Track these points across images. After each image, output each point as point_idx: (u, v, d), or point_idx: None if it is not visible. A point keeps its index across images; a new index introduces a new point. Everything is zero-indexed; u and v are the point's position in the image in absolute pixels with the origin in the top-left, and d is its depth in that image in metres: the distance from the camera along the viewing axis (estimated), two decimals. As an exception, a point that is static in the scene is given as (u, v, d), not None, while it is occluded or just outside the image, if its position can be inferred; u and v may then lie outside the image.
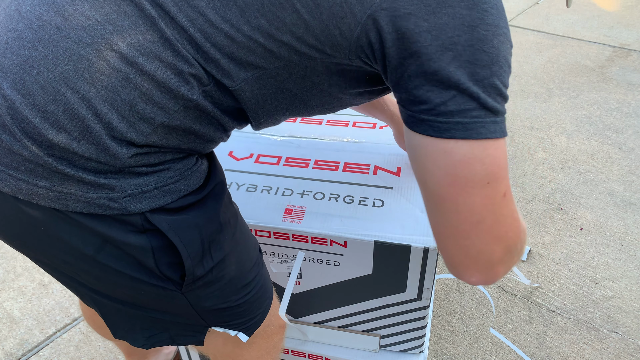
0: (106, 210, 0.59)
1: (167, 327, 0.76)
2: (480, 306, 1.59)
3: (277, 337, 0.91)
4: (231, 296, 0.75)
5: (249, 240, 0.78)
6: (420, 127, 0.56)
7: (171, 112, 0.58)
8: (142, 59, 0.56)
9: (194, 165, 0.65)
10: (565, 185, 2.03)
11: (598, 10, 3.51)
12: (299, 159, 1.11)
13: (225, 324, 0.77)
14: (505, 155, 0.58)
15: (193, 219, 0.65)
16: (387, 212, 0.97)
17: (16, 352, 1.52)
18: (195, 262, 0.66)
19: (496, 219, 0.58)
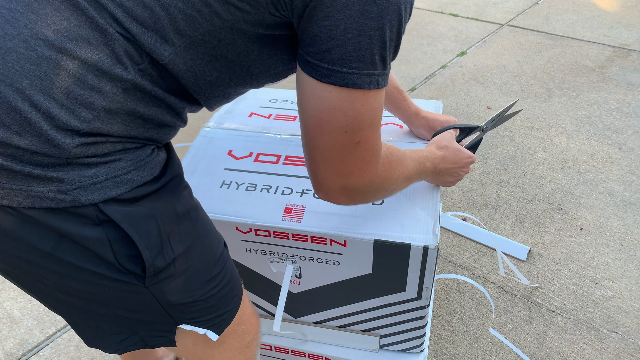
0: (58, 204, 0.57)
1: (136, 329, 0.75)
2: (480, 306, 1.59)
3: (249, 336, 0.89)
4: (197, 290, 0.74)
5: (211, 234, 0.78)
6: (306, 67, 0.63)
7: (110, 95, 0.57)
8: (71, 44, 0.55)
9: (149, 156, 0.64)
10: (565, 185, 2.03)
11: (598, 10, 3.51)
12: (298, 157, 1.11)
13: (193, 321, 0.76)
14: (372, 109, 0.64)
15: (148, 210, 0.64)
16: (387, 210, 0.97)
17: (16, 352, 1.52)
18: (154, 254, 0.65)
19: (342, 160, 0.67)
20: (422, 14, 3.68)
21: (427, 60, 3.04)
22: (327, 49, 0.60)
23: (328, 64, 0.60)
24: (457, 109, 2.56)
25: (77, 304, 0.69)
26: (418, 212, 0.97)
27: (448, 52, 3.11)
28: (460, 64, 2.97)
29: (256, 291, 1.10)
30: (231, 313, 0.82)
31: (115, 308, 0.70)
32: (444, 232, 1.86)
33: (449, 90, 2.72)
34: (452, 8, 3.74)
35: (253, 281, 1.08)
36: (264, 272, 1.05)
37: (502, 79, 2.79)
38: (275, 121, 1.24)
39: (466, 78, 2.82)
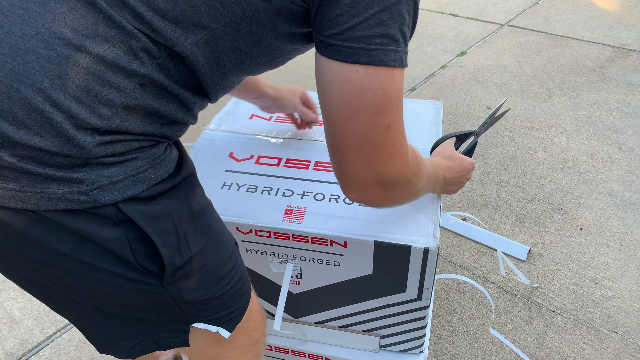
0: (78, 205, 0.58)
1: (149, 332, 0.75)
2: (480, 306, 1.59)
3: (257, 334, 0.90)
4: (211, 287, 0.74)
5: (224, 232, 0.79)
6: (329, 51, 0.62)
7: (128, 92, 0.58)
8: (89, 42, 0.55)
9: (163, 153, 0.65)
10: (565, 185, 2.03)
11: (598, 10, 3.51)
12: (299, 160, 1.11)
13: (207, 318, 0.77)
14: (398, 88, 0.63)
15: (165, 209, 0.65)
16: (387, 213, 0.97)
17: (16, 352, 1.52)
18: (172, 252, 0.66)
19: (375, 148, 0.64)
20: (422, 14, 3.68)
21: (427, 60, 3.04)
22: (350, 27, 0.60)
23: (352, 42, 0.60)
24: (457, 109, 2.56)
25: (92, 307, 0.69)
26: (418, 216, 0.97)
27: (448, 52, 3.11)
28: (460, 64, 2.97)
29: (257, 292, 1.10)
30: (242, 310, 0.83)
31: (131, 309, 0.71)
32: (444, 232, 1.86)
33: (449, 90, 2.72)
34: (452, 8, 3.74)
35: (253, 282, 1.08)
36: (265, 272, 1.06)
37: (502, 79, 2.79)
38: (276, 123, 1.25)
39: (466, 78, 2.82)
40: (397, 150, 0.67)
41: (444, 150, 1.01)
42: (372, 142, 0.64)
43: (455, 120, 2.47)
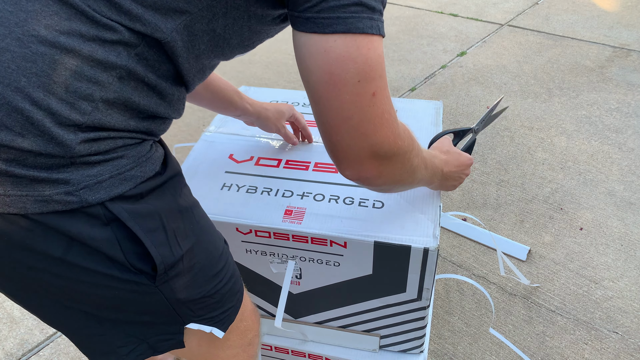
0: (66, 206, 0.57)
1: (144, 336, 0.75)
2: (480, 306, 1.59)
3: (251, 333, 0.90)
4: (204, 286, 0.74)
5: (213, 230, 0.79)
6: (306, 25, 0.62)
7: (106, 85, 0.58)
8: (63, 38, 0.55)
9: (148, 152, 0.65)
10: (565, 185, 2.03)
11: (598, 10, 3.51)
12: (299, 161, 1.12)
13: (200, 318, 0.77)
14: (378, 56, 0.63)
15: (153, 207, 0.65)
16: (387, 213, 0.97)
17: (16, 352, 1.53)
18: (162, 251, 0.65)
19: (363, 117, 0.63)
20: (422, 14, 3.68)
21: (427, 60, 3.04)
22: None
23: (328, 13, 0.60)
24: (457, 109, 2.56)
25: (84, 312, 0.69)
26: (418, 216, 0.97)
27: (448, 52, 3.11)
28: (460, 64, 2.97)
29: (256, 292, 1.11)
30: (235, 309, 0.82)
31: (125, 312, 0.70)
32: (444, 232, 1.86)
33: (449, 91, 2.72)
34: (452, 8, 3.74)
35: (253, 282, 1.08)
36: (264, 272, 1.06)
37: (502, 79, 2.79)
38: None
39: (466, 78, 2.82)
40: (386, 119, 0.66)
41: (441, 144, 1.00)
42: (359, 112, 0.63)
43: (455, 120, 2.47)
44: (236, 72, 3.05)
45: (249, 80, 2.95)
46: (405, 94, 2.72)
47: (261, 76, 2.99)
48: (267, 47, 3.33)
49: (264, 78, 2.97)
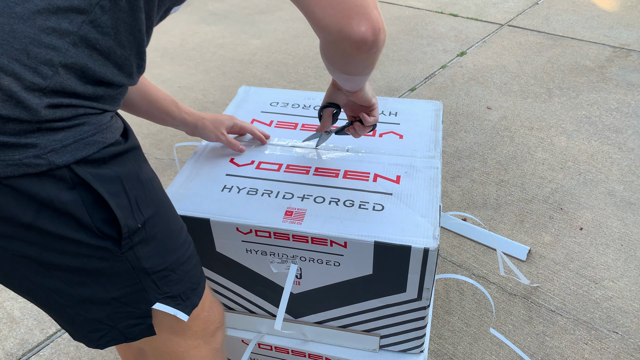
0: (35, 168, 0.61)
1: (113, 321, 0.78)
2: (480, 306, 1.59)
3: (213, 325, 0.93)
4: (167, 256, 0.78)
5: (172, 207, 0.83)
6: None
7: (63, 51, 0.61)
8: (19, 8, 0.59)
9: (109, 122, 0.69)
10: (565, 185, 2.03)
11: (598, 10, 3.51)
12: (299, 166, 1.12)
13: (164, 295, 0.80)
14: None
15: (115, 173, 0.69)
16: (387, 215, 0.97)
17: (16, 352, 1.53)
18: (125, 214, 0.69)
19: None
20: (422, 14, 3.68)
21: (427, 60, 3.04)
22: None
23: None
24: (457, 109, 2.56)
25: (55, 290, 0.72)
26: (418, 218, 0.97)
27: (448, 52, 3.11)
28: (460, 64, 2.97)
29: (256, 292, 1.11)
30: (197, 292, 0.86)
31: (94, 285, 0.73)
32: (444, 232, 1.86)
33: (449, 91, 2.72)
34: (452, 8, 3.74)
35: (253, 282, 1.08)
36: (265, 272, 1.06)
37: (502, 79, 2.79)
38: (276, 129, 1.25)
39: (466, 78, 2.82)
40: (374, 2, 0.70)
41: None
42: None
43: (455, 120, 2.47)
44: (236, 72, 3.05)
45: (249, 81, 2.95)
46: (405, 94, 2.72)
47: (261, 76, 2.99)
48: (267, 47, 3.33)
49: (264, 78, 2.97)
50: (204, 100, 2.79)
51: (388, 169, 1.10)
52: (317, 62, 3.10)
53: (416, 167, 1.10)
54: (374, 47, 0.73)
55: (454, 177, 2.12)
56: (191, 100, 2.77)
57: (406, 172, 1.09)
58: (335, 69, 0.83)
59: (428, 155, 1.14)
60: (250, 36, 3.51)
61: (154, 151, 2.39)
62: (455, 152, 2.27)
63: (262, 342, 1.18)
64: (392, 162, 1.12)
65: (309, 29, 3.55)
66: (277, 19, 3.75)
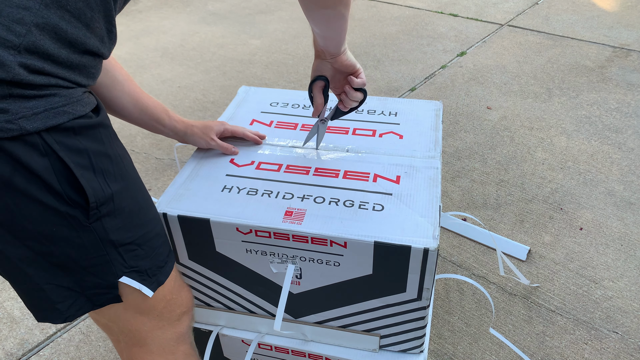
0: (7, 133, 0.63)
1: (81, 287, 0.80)
2: (480, 306, 1.59)
3: (179, 309, 0.96)
4: (134, 230, 0.81)
5: (142, 184, 0.86)
6: None
7: (35, 10, 0.63)
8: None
9: (80, 96, 0.71)
10: (565, 185, 2.03)
11: (598, 10, 3.51)
12: (299, 166, 1.12)
13: (130, 269, 0.82)
14: None
15: (83, 146, 0.71)
16: (387, 215, 0.97)
17: (16, 352, 1.53)
18: (92, 185, 0.72)
19: None
20: (422, 14, 3.68)
21: (427, 60, 3.04)
22: None
23: None
24: (457, 109, 2.57)
25: (27, 256, 0.74)
26: (418, 218, 0.97)
27: (448, 52, 3.11)
28: (460, 64, 2.97)
29: (256, 292, 1.11)
30: (164, 271, 0.89)
31: (62, 254, 0.76)
32: (444, 232, 1.86)
33: (448, 91, 2.72)
34: (452, 8, 3.74)
35: (253, 282, 1.08)
36: (265, 272, 1.06)
37: (502, 79, 2.79)
38: (276, 129, 1.25)
39: (466, 78, 2.82)
40: None
41: None
42: None
43: (455, 120, 2.48)
44: (236, 72, 3.05)
45: (249, 81, 2.95)
46: (405, 94, 2.72)
47: (261, 76, 2.99)
48: (267, 47, 3.33)
49: (264, 78, 2.97)
50: (204, 100, 2.79)
51: (388, 169, 1.10)
52: (317, 62, 3.10)
53: (416, 167, 1.10)
54: None
55: (454, 177, 2.12)
56: (191, 100, 2.77)
57: (406, 173, 1.09)
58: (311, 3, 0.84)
59: (428, 155, 1.14)
60: (250, 36, 3.51)
61: (154, 151, 2.39)
62: (455, 152, 2.27)
63: (262, 342, 1.18)
64: (392, 162, 1.12)
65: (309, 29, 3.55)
66: (277, 19, 3.75)
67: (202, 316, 1.17)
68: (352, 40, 3.34)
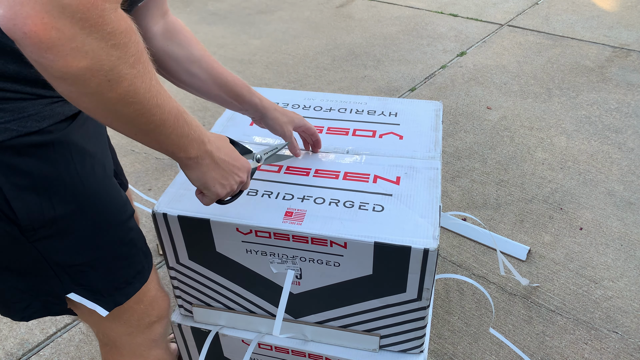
0: None
1: (35, 292, 0.78)
2: (480, 306, 1.59)
3: (150, 318, 0.93)
4: (84, 253, 0.77)
5: (112, 204, 0.80)
6: None
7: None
8: None
9: (41, 108, 0.65)
10: (565, 185, 2.03)
11: (598, 10, 3.51)
12: (299, 167, 1.12)
13: (81, 287, 0.79)
14: None
15: (26, 165, 0.66)
16: (387, 216, 0.98)
17: (17, 352, 1.53)
18: (30, 208, 0.67)
19: None
20: (422, 14, 3.68)
21: (427, 60, 3.04)
22: None
23: None
24: (457, 109, 2.57)
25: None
26: (418, 219, 0.97)
27: (448, 52, 3.11)
28: (460, 64, 2.97)
29: (256, 292, 1.11)
30: (124, 292, 0.84)
31: (9, 260, 0.73)
32: (444, 232, 1.86)
33: (448, 91, 2.72)
34: (452, 8, 3.74)
35: (253, 282, 1.08)
36: (265, 272, 1.06)
37: (502, 79, 2.79)
38: None
39: (466, 78, 2.83)
40: None
41: (216, 136, 0.84)
42: None
43: (455, 120, 2.48)
44: (236, 72, 3.05)
45: (249, 80, 2.95)
46: (405, 94, 2.72)
47: (261, 76, 2.99)
48: (267, 47, 3.34)
49: (264, 78, 2.97)
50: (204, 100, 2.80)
51: (388, 170, 1.10)
52: (317, 62, 3.10)
53: (416, 168, 1.10)
54: (25, 38, 0.47)
55: (454, 177, 2.12)
56: (191, 100, 2.77)
57: (406, 173, 1.09)
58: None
59: (428, 155, 1.14)
60: (250, 36, 3.51)
61: (154, 151, 2.39)
62: (455, 152, 2.27)
63: (262, 342, 1.18)
64: (392, 163, 1.12)
65: (309, 29, 3.55)
66: (277, 19, 3.75)
67: (202, 316, 1.17)
68: (352, 41, 3.35)
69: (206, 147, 0.74)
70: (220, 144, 0.80)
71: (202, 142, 0.73)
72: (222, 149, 0.79)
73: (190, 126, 0.69)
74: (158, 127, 0.62)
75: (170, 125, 0.64)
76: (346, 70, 2.99)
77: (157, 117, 0.61)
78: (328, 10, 3.84)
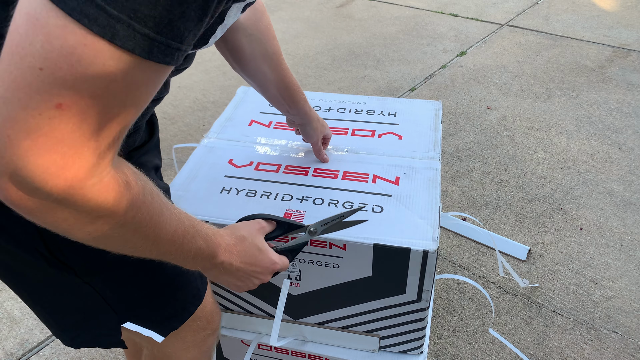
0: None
1: (88, 326, 0.79)
2: (480, 306, 1.59)
3: (205, 332, 0.93)
4: (136, 291, 0.77)
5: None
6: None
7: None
8: None
9: None
10: (565, 185, 2.03)
11: (598, 10, 3.51)
12: (298, 167, 1.12)
13: (137, 318, 0.79)
14: (95, 63, 0.40)
15: None
16: (386, 217, 0.97)
17: (16, 352, 1.53)
18: (81, 254, 0.68)
19: (26, 116, 0.40)
20: (422, 14, 3.68)
21: (427, 60, 3.04)
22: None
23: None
24: (457, 109, 2.56)
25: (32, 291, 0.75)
26: (417, 220, 0.97)
27: (448, 52, 3.11)
28: (460, 64, 2.97)
29: (256, 292, 1.11)
30: (179, 318, 0.84)
31: (65, 295, 0.75)
32: (444, 232, 1.86)
33: (448, 91, 2.72)
34: (452, 8, 3.73)
35: (253, 283, 1.08)
36: (264, 274, 1.06)
37: (502, 79, 2.79)
38: (275, 130, 1.25)
39: (466, 78, 2.82)
40: (68, 142, 0.42)
41: (240, 227, 0.76)
42: (23, 110, 0.40)
43: (455, 120, 2.47)
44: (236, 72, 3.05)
45: (249, 81, 2.95)
46: (405, 94, 2.72)
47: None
48: (267, 47, 3.33)
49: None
50: (204, 100, 2.79)
51: (387, 170, 1.10)
52: (317, 62, 3.10)
53: (415, 168, 1.10)
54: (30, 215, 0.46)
55: (454, 177, 2.12)
56: (191, 100, 2.77)
57: (405, 174, 1.09)
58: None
59: (427, 156, 1.14)
60: (250, 36, 3.50)
61: (154, 151, 2.39)
62: (455, 152, 2.27)
63: (262, 342, 1.18)
64: (391, 163, 1.12)
65: (309, 29, 3.55)
66: (277, 19, 3.75)
67: (201, 317, 1.17)
68: (352, 40, 3.34)
69: (217, 260, 0.68)
70: (242, 247, 0.73)
71: (213, 256, 0.67)
72: (242, 254, 0.72)
73: (198, 248, 0.64)
74: (156, 257, 0.60)
75: (170, 257, 0.61)
76: (346, 70, 2.99)
77: (154, 254, 0.58)
78: (328, 10, 3.84)
